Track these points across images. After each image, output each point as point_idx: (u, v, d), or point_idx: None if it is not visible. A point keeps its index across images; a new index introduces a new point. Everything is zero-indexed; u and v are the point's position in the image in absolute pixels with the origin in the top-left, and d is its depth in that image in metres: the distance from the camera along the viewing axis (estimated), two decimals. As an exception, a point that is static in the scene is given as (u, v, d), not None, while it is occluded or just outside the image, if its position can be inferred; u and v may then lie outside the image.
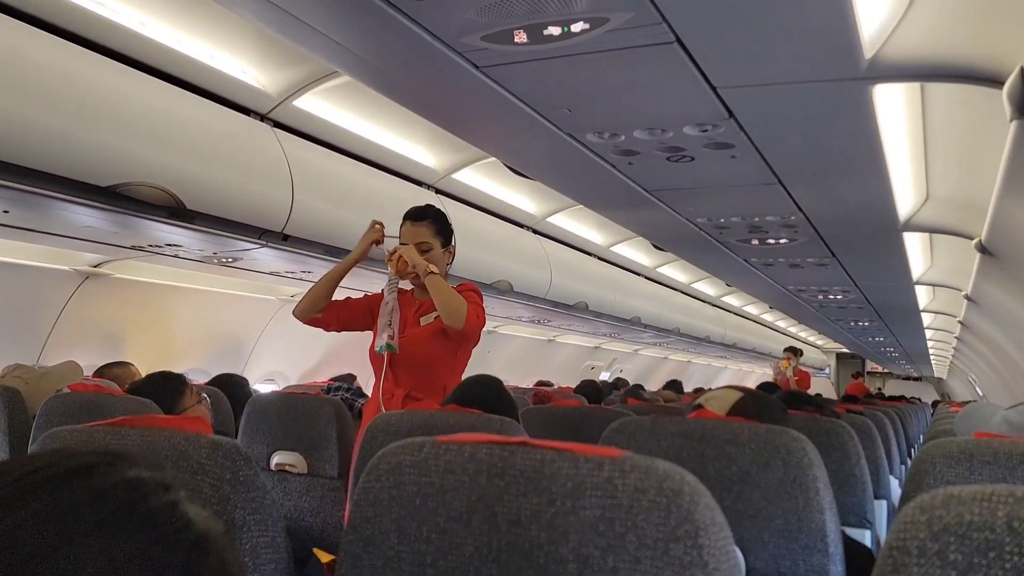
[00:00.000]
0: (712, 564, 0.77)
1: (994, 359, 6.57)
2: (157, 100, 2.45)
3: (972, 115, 2.26)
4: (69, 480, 0.46)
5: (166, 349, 4.35)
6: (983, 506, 0.67)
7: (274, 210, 2.83)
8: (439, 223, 2.47)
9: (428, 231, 2.43)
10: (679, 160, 2.41)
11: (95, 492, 0.46)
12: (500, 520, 0.87)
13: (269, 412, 2.72)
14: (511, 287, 4.44)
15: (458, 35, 1.58)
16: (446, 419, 1.62)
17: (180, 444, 1.10)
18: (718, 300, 8.80)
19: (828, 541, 1.46)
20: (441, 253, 2.46)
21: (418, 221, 2.44)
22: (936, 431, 2.91)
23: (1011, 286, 3.40)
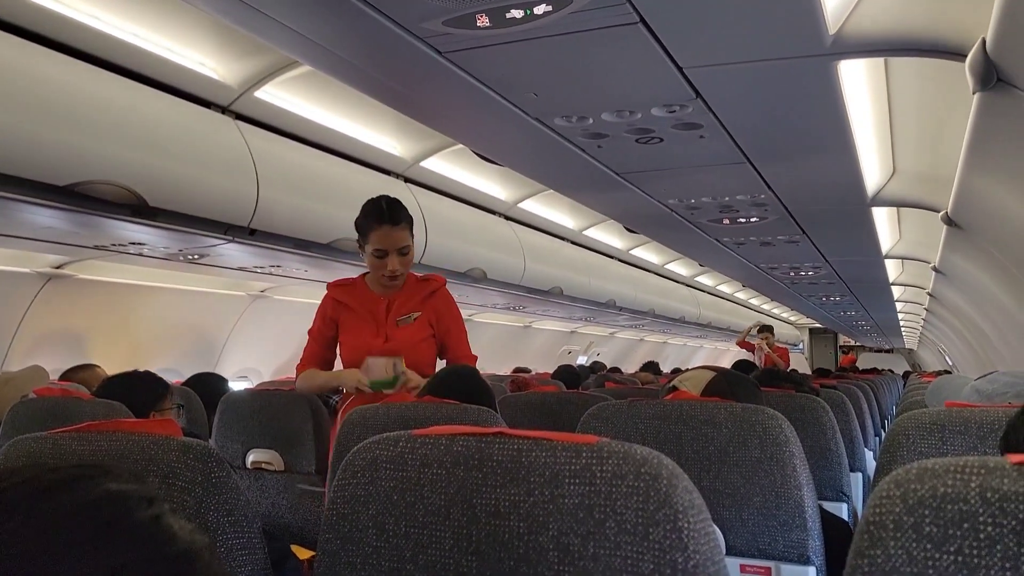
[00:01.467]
0: (692, 546, 0.77)
1: (963, 329, 6.70)
2: (114, 95, 2.39)
3: (936, 89, 2.28)
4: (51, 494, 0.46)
5: (135, 350, 4.29)
6: (956, 478, 0.67)
7: (239, 204, 2.79)
8: (409, 219, 2.33)
9: (406, 233, 2.30)
10: (648, 142, 2.40)
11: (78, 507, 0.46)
12: (479, 512, 0.86)
13: (243, 410, 2.69)
14: (485, 275, 4.43)
15: (419, 20, 1.55)
16: (423, 411, 1.61)
17: (149, 448, 1.07)
18: (692, 280, 8.86)
19: (806, 517, 1.47)
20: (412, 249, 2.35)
21: (396, 225, 2.28)
22: (908, 402, 2.96)
23: (977, 257, 3.45)
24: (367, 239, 2.28)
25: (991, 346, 5.59)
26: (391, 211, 2.27)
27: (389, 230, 2.25)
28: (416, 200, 3.81)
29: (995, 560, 0.64)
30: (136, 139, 2.41)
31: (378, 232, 2.26)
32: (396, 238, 2.26)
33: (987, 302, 4.35)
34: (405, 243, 2.29)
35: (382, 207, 2.28)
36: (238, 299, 4.76)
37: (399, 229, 2.27)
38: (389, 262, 2.27)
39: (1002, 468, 0.66)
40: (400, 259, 2.29)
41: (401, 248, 2.28)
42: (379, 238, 2.26)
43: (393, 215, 2.27)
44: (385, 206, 2.29)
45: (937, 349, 12.23)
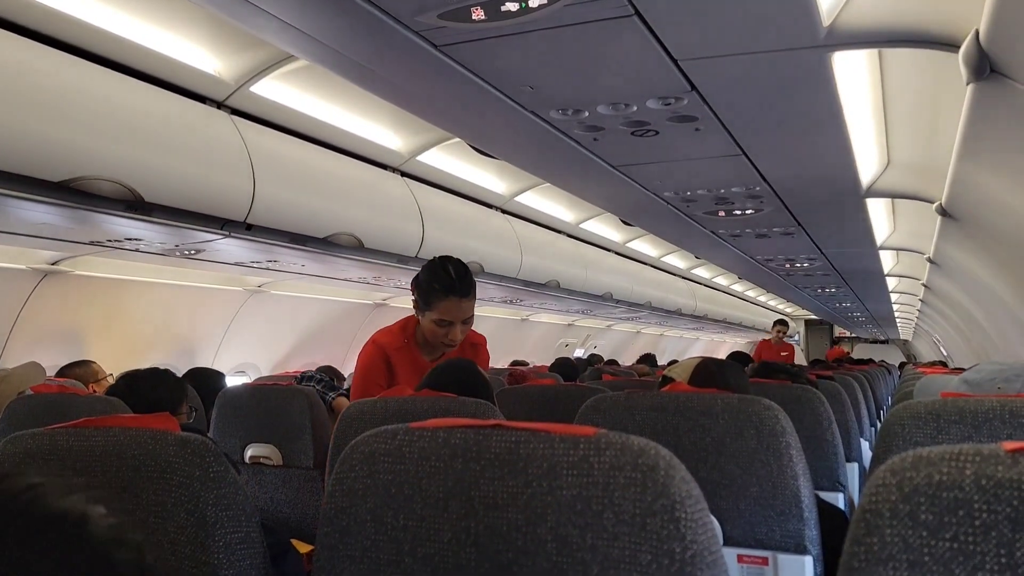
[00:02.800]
0: (690, 536, 0.78)
1: (957, 319, 6.72)
2: (109, 91, 2.38)
3: (929, 80, 2.28)
4: None
5: (131, 346, 4.28)
6: (951, 465, 0.68)
7: (235, 199, 2.78)
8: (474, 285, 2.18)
9: (473, 302, 2.16)
10: (644, 135, 2.40)
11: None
12: (477, 504, 0.87)
13: (241, 405, 2.69)
14: (482, 268, 4.43)
15: (414, 13, 1.55)
16: (421, 404, 1.61)
17: (147, 443, 1.07)
18: (688, 273, 8.87)
19: (803, 506, 1.48)
20: None
21: (467, 297, 2.13)
22: (903, 393, 2.97)
23: (971, 247, 3.46)
24: (431, 306, 2.14)
25: (985, 336, 5.62)
26: (462, 283, 2.12)
27: (458, 302, 2.12)
28: (413, 194, 3.80)
29: (990, 547, 0.65)
30: (132, 135, 2.40)
31: (446, 303, 2.11)
32: (464, 308, 2.13)
33: (981, 292, 4.37)
34: (471, 313, 2.16)
35: (452, 277, 2.12)
36: (235, 294, 4.76)
37: (468, 300, 2.14)
38: (451, 331, 2.14)
39: (997, 456, 0.67)
40: (463, 328, 2.17)
41: (468, 319, 2.17)
42: (447, 309, 2.12)
43: (463, 287, 2.12)
44: (455, 275, 2.13)
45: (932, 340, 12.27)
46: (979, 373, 1.68)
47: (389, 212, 3.64)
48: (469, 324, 2.19)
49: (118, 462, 1.07)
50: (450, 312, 2.12)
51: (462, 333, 2.16)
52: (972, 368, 1.75)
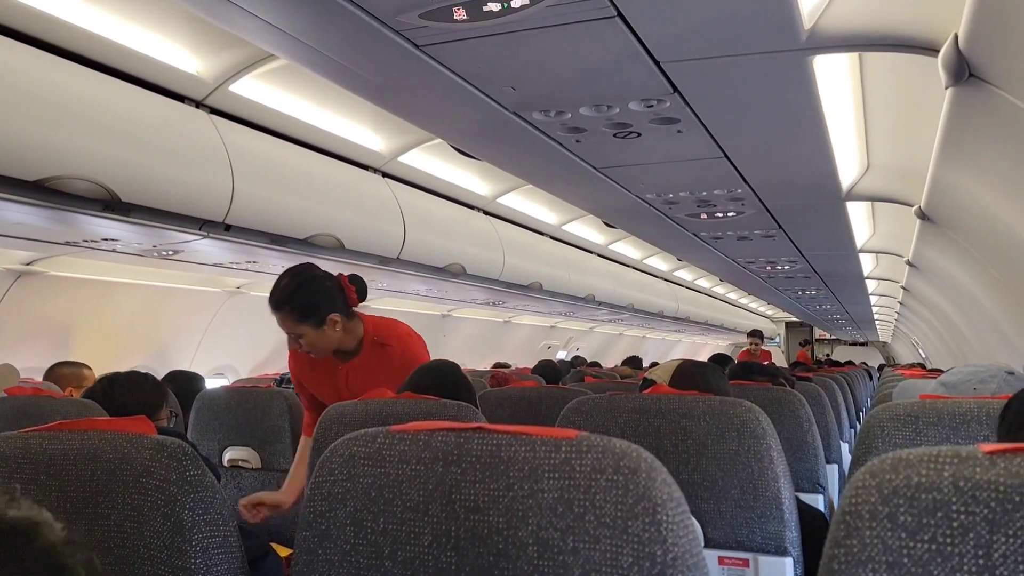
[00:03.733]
0: (671, 539, 0.77)
1: (935, 322, 6.80)
2: (86, 89, 2.35)
3: (909, 84, 2.30)
4: None
5: (108, 347, 4.23)
6: (930, 467, 0.68)
7: (214, 200, 2.76)
8: (300, 303, 2.06)
9: (289, 320, 2.07)
10: (626, 136, 2.40)
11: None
12: (458, 507, 0.86)
13: (219, 408, 2.67)
14: (464, 270, 4.42)
15: (395, 13, 1.54)
16: (402, 407, 1.60)
17: (122, 447, 1.06)
18: (670, 275, 8.91)
19: (783, 508, 1.49)
20: (320, 333, 2.08)
21: (277, 310, 2.08)
22: (883, 395, 3.00)
23: (949, 250, 3.50)
24: None
25: (963, 339, 5.68)
26: (274, 292, 2.09)
27: (277, 316, 2.09)
28: (394, 195, 3.79)
29: (968, 548, 0.65)
30: (109, 134, 2.37)
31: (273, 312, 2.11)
32: (285, 323, 2.08)
33: (959, 295, 4.42)
34: (291, 330, 2.08)
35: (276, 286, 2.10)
36: (214, 295, 4.71)
37: (281, 314, 2.08)
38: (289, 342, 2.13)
39: (975, 457, 0.67)
40: (295, 340, 2.10)
41: (295, 334, 2.09)
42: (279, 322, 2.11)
43: (273, 301, 2.08)
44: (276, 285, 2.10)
45: (911, 342, 12.41)
46: (955, 375, 1.71)
47: (370, 213, 3.63)
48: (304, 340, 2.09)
49: (93, 466, 1.05)
50: (277, 321, 2.09)
51: (308, 347, 2.09)
52: (949, 371, 1.78)
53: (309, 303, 2.07)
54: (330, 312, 2.09)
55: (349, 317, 2.16)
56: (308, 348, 2.11)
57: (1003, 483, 0.65)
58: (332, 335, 2.11)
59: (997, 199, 2.25)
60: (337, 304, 2.12)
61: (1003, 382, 1.61)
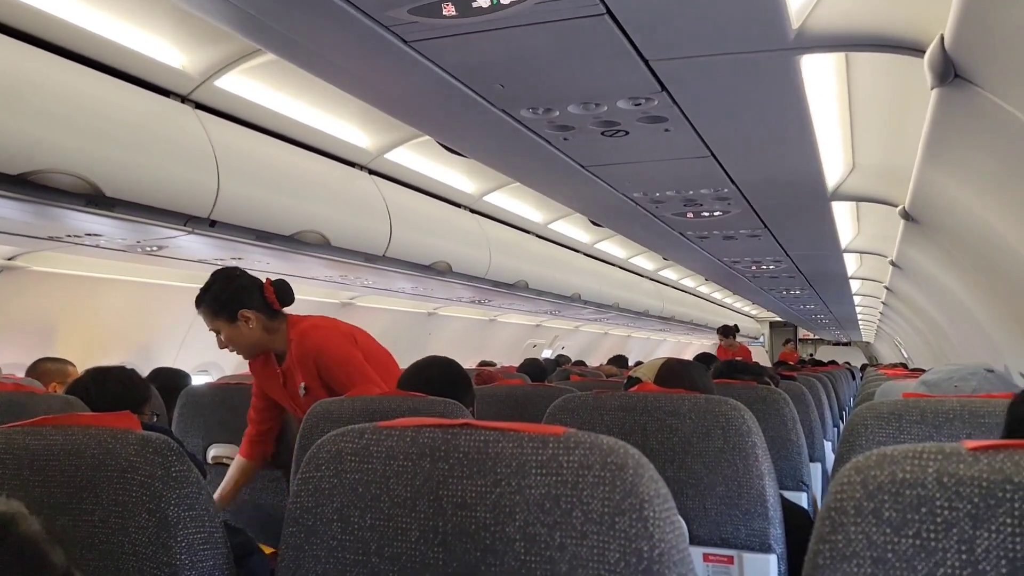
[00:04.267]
0: (657, 535, 0.78)
1: (918, 322, 6.86)
2: (70, 83, 2.33)
3: (895, 85, 2.32)
4: None
5: (91, 344, 4.19)
6: (914, 463, 0.69)
7: (199, 195, 2.73)
8: (214, 301, 2.24)
9: (206, 316, 2.25)
10: (614, 135, 2.41)
11: None
12: (445, 503, 0.86)
13: (204, 404, 2.66)
14: (450, 268, 4.41)
15: (383, 8, 1.53)
16: (388, 403, 1.60)
17: (107, 442, 1.05)
18: (656, 274, 8.94)
19: (768, 506, 1.50)
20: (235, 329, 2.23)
21: (197, 308, 2.27)
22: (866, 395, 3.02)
23: (933, 251, 3.53)
24: None
25: (945, 339, 5.73)
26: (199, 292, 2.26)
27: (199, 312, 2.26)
28: (380, 192, 3.77)
29: (951, 543, 0.66)
30: (92, 128, 2.35)
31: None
32: (205, 322, 2.26)
33: (942, 296, 4.46)
34: (209, 326, 2.25)
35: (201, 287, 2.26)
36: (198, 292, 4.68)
37: (200, 311, 2.25)
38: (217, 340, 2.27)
39: (958, 454, 0.68)
40: (218, 339, 2.26)
41: (214, 330, 2.26)
42: None
43: (197, 297, 2.26)
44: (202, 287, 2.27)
45: (893, 342, 12.51)
46: (936, 374, 1.73)
47: (356, 210, 3.61)
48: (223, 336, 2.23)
49: (77, 461, 1.05)
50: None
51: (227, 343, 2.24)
52: (930, 370, 1.80)
53: (221, 299, 2.23)
54: (240, 308, 2.21)
55: (271, 318, 2.26)
56: (228, 344, 2.25)
57: (986, 479, 0.66)
58: (247, 332, 2.22)
59: (981, 200, 2.28)
60: (253, 302, 2.24)
61: (983, 380, 1.64)
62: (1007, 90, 1.47)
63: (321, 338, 2.24)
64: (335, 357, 2.21)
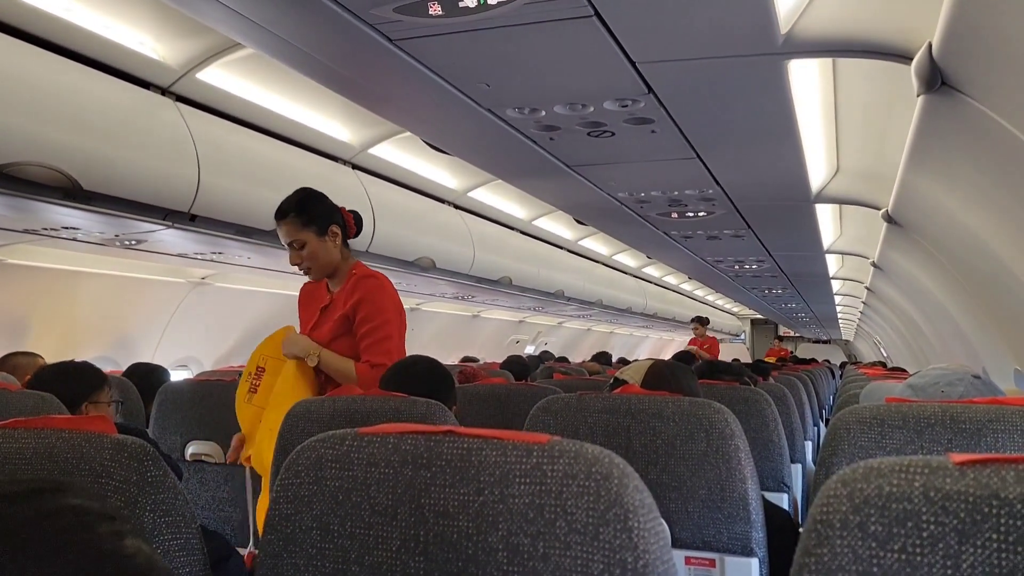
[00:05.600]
0: (642, 546, 0.77)
1: (898, 322, 6.93)
2: (47, 74, 2.29)
3: (881, 90, 2.33)
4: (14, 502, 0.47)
5: (68, 338, 4.14)
6: (900, 477, 0.68)
7: (179, 189, 2.70)
8: (305, 211, 2.20)
9: (293, 226, 2.18)
10: (600, 135, 2.40)
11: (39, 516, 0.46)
12: (427, 512, 0.85)
13: (182, 401, 2.62)
14: (433, 264, 4.39)
15: (369, 6, 1.51)
16: (369, 404, 1.58)
17: (81, 446, 1.03)
18: (639, 271, 8.96)
19: (750, 509, 1.49)
20: (321, 243, 2.21)
21: (282, 218, 2.20)
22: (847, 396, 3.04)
23: (914, 253, 3.56)
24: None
25: (924, 339, 5.79)
26: (281, 203, 2.22)
27: (278, 226, 2.21)
28: (364, 187, 3.75)
29: (937, 558, 0.65)
30: (70, 120, 2.30)
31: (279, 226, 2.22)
32: (286, 231, 2.20)
33: (922, 297, 4.50)
34: (293, 237, 2.19)
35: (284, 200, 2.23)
36: (178, 286, 4.63)
37: (284, 223, 2.19)
38: (290, 255, 2.23)
39: (945, 468, 0.68)
40: (296, 253, 2.20)
41: (292, 242, 2.20)
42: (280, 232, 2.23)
43: (281, 209, 2.21)
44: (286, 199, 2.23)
45: (873, 341, 12.64)
46: (923, 378, 1.72)
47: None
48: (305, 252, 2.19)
49: (50, 465, 1.02)
50: (281, 234, 2.21)
51: (300, 259, 2.20)
52: (916, 373, 1.80)
53: (313, 210, 2.20)
54: (331, 223, 2.22)
55: (345, 244, 2.29)
56: (308, 260, 2.20)
57: (972, 494, 0.65)
58: (331, 248, 2.22)
59: (963, 206, 2.29)
60: (339, 221, 2.25)
61: (970, 385, 1.63)
62: (993, 99, 1.47)
63: (378, 287, 2.26)
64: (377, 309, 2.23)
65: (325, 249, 2.21)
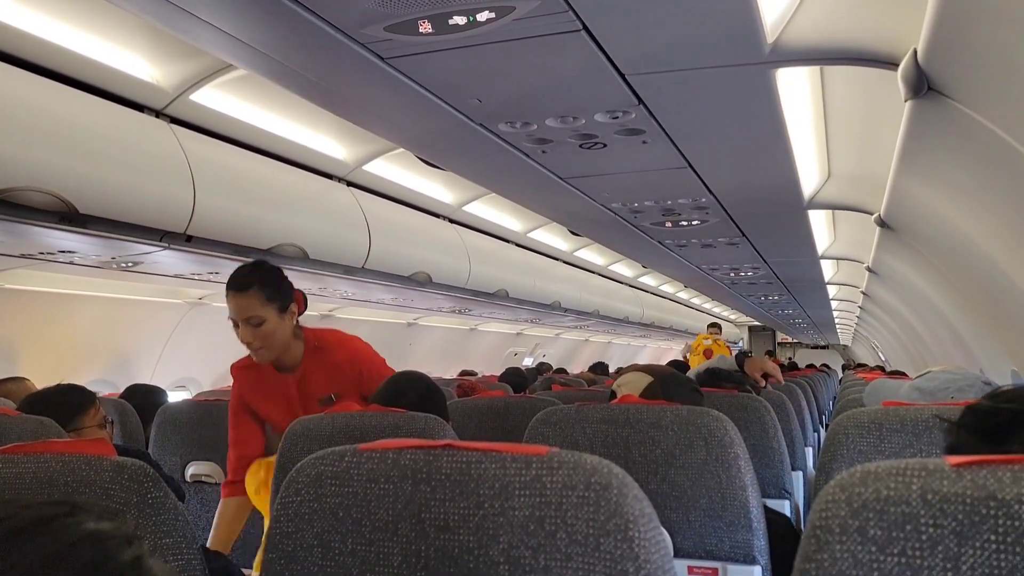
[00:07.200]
0: (643, 555, 0.77)
1: (894, 326, 6.93)
2: (42, 99, 2.30)
3: (869, 96, 2.35)
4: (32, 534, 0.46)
5: (65, 361, 4.12)
6: (898, 480, 0.69)
7: (175, 210, 2.70)
8: (269, 286, 2.02)
9: (255, 301, 1.99)
10: (592, 147, 2.41)
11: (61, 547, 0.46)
12: (428, 527, 0.85)
13: (181, 422, 2.62)
14: (430, 278, 4.40)
15: (360, 26, 1.53)
16: (368, 420, 1.58)
17: (80, 469, 1.03)
18: (635, 281, 8.97)
19: (751, 517, 1.49)
20: (281, 322, 2.03)
21: (241, 292, 1.99)
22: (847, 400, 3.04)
23: (908, 257, 3.57)
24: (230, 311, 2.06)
25: (921, 342, 5.80)
26: (238, 273, 2.03)
27: (234, 296, 2.00)
28: (359, 204, 3.76)
29: (937, 561, 0.66)
30: (65, 144, 2.31)
31: (228, 298, 2.02)
32: (242, 306, 2.00)
33: (918, 300, 4.51)
34: (252, 313, 1.99)
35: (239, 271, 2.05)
36: (175, 307, 4.63)
37: (246, 296, 1.99)
38: (240, 332, 2.03)
39: (942, 470, 0.68)
40: (251, 331, 2.01)
41: (250, 318, 2.00)
42: (229, 305, 2.02)
43: (238, 278, 2.01)
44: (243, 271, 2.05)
45: (870, 345, 12.65)
46: (932, 381, 1.71)
47: (335, 222, 3.59)
48: (263, 328, 2.00)
49: (50, 490, 1.02)
50: (231, 308, 2.01)
51: (254, 337, 2.00)
52: (924, 375, 1.78)
53: (278, 286, 2.05)
54: (291, 301, 2.08)
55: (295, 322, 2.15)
56: (262, 339, 2.02)
57: (970, 496, 0.66)
58: (289, 327, 2.07)
59: (954, 208, 2.31)
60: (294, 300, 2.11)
61: (980, 391, 1.62)
62: (979, 102, 1.49)
63: (363, 347, 2.21)
64: (379, 366, 2.18)
65: (283, 328, 2.05)
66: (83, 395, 2.11)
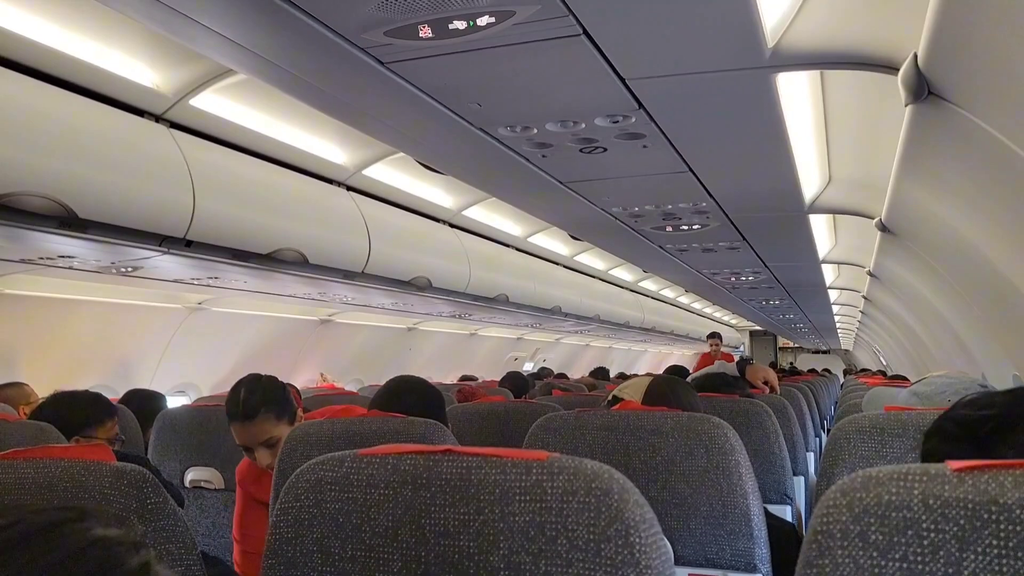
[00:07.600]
0: (644, 561, 0.77)
1: (896, 330, 6.93)
2: (42, 103, 2.30)
3: (870, 101, 2.35)
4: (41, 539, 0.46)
5: (65, 366, 4.12)
6: (899, 485, 0.68)
7: (175, 215, 2.70)
8: (274, 403, 1.91)
9: (268, 423, 1.89)
10: (592, 151, 2.41)
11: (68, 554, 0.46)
12: (428, 532, 0.85)
13: (181, 427, 2.61)
14: (430, 283, 4.39)
15: (360, 31, 1.53)
16: (368, 425, 1.58)
17: (79, 475, 1.02)
18: (636, 285, 8.96)
19: (753, 525, 1.49)
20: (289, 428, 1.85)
21: (251, 420, 1.87)
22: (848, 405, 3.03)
23: (909, 261, 3.57)
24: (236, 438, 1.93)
25: (922, 346, 5.79)
26: (244, 406, 1.89)
27: (242, 425, 1.89)
28: (359, 208, 3.76)
29: (938, 566, 0.65)
30: (65, 149, 2.31)
31: (234, 427, 1.92)
32: (255, 432, 1.89)
33: (919, 304, 4.50)
34: (269, 435, 1.89)
35: (237, 400, 1.91)
36: (174, 311, 4.62)
37: (255, 423, 1.88)
38: (258, 457, 1.92)
39: (943, 475, 0.68)
40: (268, 453, 1.89)
41: (266, 441, 1.90)
42: (237, 433, 1.92)
43: (246, 409, 1.89)
44: (241, 397, 1.91)
45: (872, 350, 12.64)
46: (929, 386, 1.71)
47: (334, 227, 3.59)
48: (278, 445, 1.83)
49: (50, 495, 1.02)
50: (241, 437, 1.91)
51: (273, 457, 1.78)
52: (921, 380, 1.78)
53: (281, 397, 1.95)
54: (296, 406, 1.99)
55: None
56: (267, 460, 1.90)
57: (971, 500, 0.65)
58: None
59: (955, 212, 2.31)
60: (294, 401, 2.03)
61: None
62: (979, 106, 1.49)
63: None
64: None
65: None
66: (107, 408, 2.11)
